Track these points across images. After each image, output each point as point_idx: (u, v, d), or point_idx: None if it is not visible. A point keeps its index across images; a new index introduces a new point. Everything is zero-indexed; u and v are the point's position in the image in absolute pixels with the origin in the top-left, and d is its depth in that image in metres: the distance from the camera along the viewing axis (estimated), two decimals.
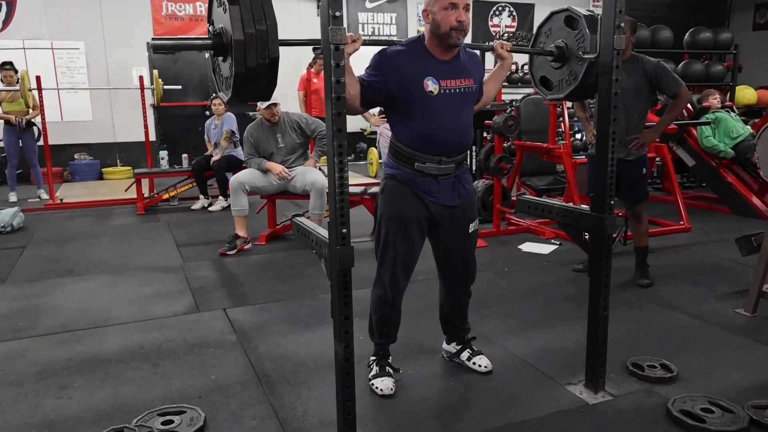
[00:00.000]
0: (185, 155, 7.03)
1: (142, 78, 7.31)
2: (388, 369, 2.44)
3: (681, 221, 4.91)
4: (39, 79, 6.53)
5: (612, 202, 2.23)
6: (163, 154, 7.10)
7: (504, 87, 8.65)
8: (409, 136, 2.26)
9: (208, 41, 1.91)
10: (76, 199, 6.94)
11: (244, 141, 4.88)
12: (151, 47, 1.89)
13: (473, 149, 5.94)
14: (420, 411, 2.29)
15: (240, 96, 1.90)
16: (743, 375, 2.52)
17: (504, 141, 5.03)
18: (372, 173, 8.44)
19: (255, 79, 1.83)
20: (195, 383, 2.51)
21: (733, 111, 6.07)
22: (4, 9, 8.32)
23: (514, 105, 5.92)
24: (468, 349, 2.61)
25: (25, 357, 2.80)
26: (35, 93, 6.69)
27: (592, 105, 4.51)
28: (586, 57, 2.23)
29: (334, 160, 1.76)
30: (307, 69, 8.07)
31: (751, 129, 5.76)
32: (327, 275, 1.89)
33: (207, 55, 6.84)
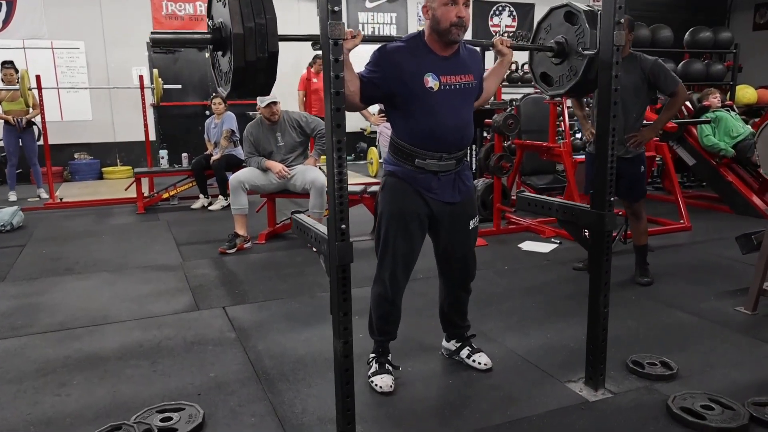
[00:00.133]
0: (185, 154, 7.02)
1: (142, 77, 7.31)
2: (387, 366, 2.44)
3: (681, 220, 4.91)
4: (39, 79, 6.53)
5: (612, 199, 2.22)
6: (163, 153, 7.09)
7: (504, 86, 8.64)
8: (410, 132, 2.25)
9: (207, 36, 1.90)
10: (75, 199, 6.94)
11: (243, 140, 4.87)
12: (150, 41, 1.87)
13: (473, 148, 5.94)
14: (419, 408, 2.28)
15: (239, 91, 1.90)
16: (743, 372, 2.51)
17: (504, 140, 5.03)
18: (372, 173, 8.42)
19: (254, 74, 1.82)
20: (194, 381, 2.50)
21: (733, 110, 6.07)
22: (4, 8, 8.32)
23: (514, 104, 5.92)
24: (468, 347, 2.60)
25: (24, 354, 2.79)
26: (35, 92, 6.69)
27: (589, 103, 4.52)
28: (585, 53, 2.23)
29: (333, 155, 1.75)
30: (307, 69, 8.06)
31: (752, 128, 5.76)
32: (326, 271, 1.89)
33: (207, 55, 6.84)
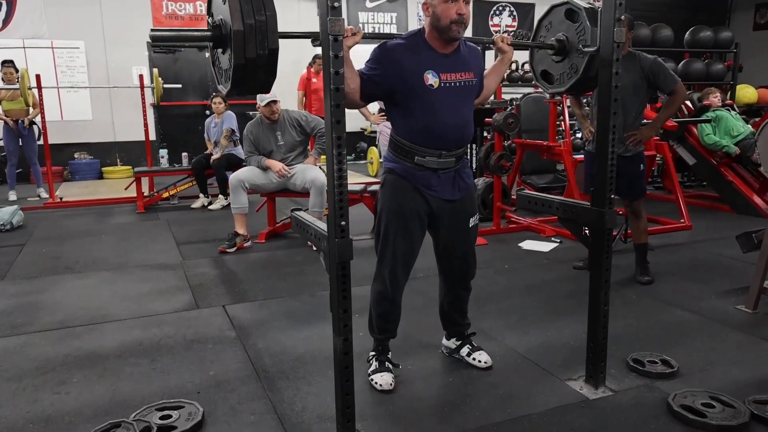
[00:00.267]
0: (185, 154, 7.02)
1: (142, 77, 7.31)
2: (387, 364, 2.43)
3: (682, 219, 4.90)
4: (39, 78, 6.53)
5: (612, 197, 2.22)
6: (163, 152, 7.09)
7: (504, 85, 8.63)
8: (409, 130, 2.25)
9: (207, 33, 1.90)
10: (75, 198, 6.94)
11: (243, 139, 4.87)
12: (150, 39, 1.87)
13: (473, 147, 5.94)
14: (419, 406, 2.28)
15: (239, 88, 1.89)
16: (744, 370, 2.51)
17: (504, 139, 5.02)
18: (372, 172, 8.42)
19: (254, 71, 1.82)
20: (194, 379, 2.50)
21: (734, 110, 6.06)
22: (4, 8, 8.33)
23: (514, 103, 5.91)
24: (468, 345, 2.60)
25: (24, 353, 2.79)
26: (35, 91, 6.68)
27: (588, 102, 4.51)
28: (586, 50, 2.22)
29: (332, 152, 1.75)
30: (307, 68, 8.05)
31: (752, 128, 5.75)
32: (326, 269, 1.88)
33: (207, 55, 6.82)
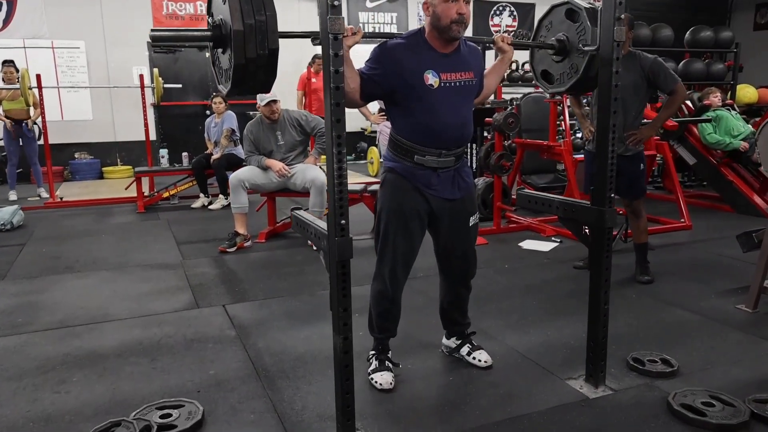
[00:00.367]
0: (185, 154, 7.02)
1: (142, 77, 7.31)
2: (387, 363, 2.44)
3: (682, 219, 4.90)
4: (39, 78, 6.53)
5: (612, 196, 2.22)
6: (164, 152, 7.09)
7: (504, 85, 8.63)
8: (409, 129, 2.25)
9: (207, 32, 1.90)
10: (76, 198, 6.94)
11: (244, 138, 4.87)
12: (150, 38, 1.87)
13: (474, 147, 5.94)
14: (420, 405, 2.28)
15: (239, 88, 1.89)
16: (744, 370, 2.51)
17: (504, 139, 5.03)
18: (372, 172, 8.42)
19: (254, 71, 1.82)
20: (194, 378, 2.50)
21: (734, 109, 6.06)
22: (4, 8, 8.33)
23: (514, 103, 5.91)
24: (468, 344, 2.60)
25: (24, 352, 2.79)
26: (35, 91, 6.69)
27: (588, 102, 4.51)
28: (586, 49, 2.22)
29: (332, 150, 1.75)
30: (307, 68, 8.05)
31: (752, 128, 5.75)
32: (326, 267, 1.89)
33: (207, 55, 6.81)
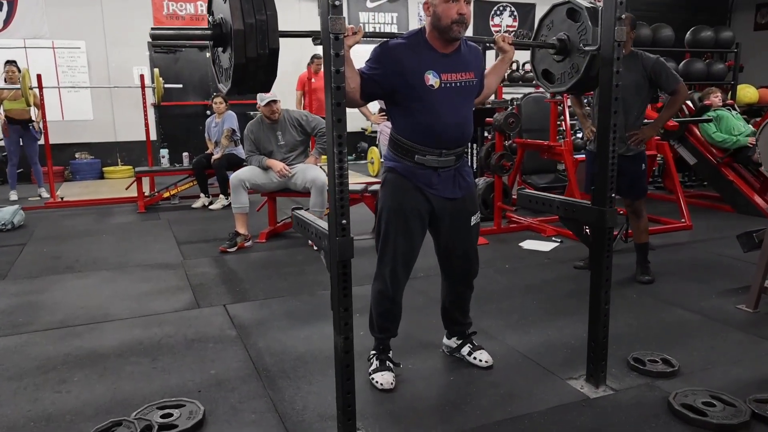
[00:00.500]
0: (186, 154, 7.02)
1: (143, 77, 7.30)
2: (388, 363, 2.43)
3: (682, 219, 4.90)
4: (40, 78, 6.53)
5: (613, 196, 2.22)
6: (164, 152, 7.09)
7: (505, 85, 8.62)
8: (410, 129, 2.25)
9: (208, 31, 1.90)
10: (76, 198, 6.94)
11: (244, 138, 4.87)
12: (151, 37, 1.87)
13: (474, 147, 5.93)
14: (420, 405, 2.28)
15: (239, 87, 1.89)
16: (745, 369, 2.51)
17: (505, 139, 5.02)
18: (373, 172, 8.42)
19: (255, 70, 1.82)
20: (194, 377, 2.50)
21: (735, 109, 6.06)
22: (5, 8, 8.33)
23: (515, 103, 5.91)
24: (469, 344, 2.60)
25: (24, 352, 2.79)
26: (36, 91, 6.69)
27: (589, 102, 4.51)
28: (587, 49, 2.22)
29: (333, 150, 1.75)
30: (307, 68, 8.05)
31: (752, 128, 5.75)
32: (327, 267, 1.89)
33: (208, 54, 6.83)
